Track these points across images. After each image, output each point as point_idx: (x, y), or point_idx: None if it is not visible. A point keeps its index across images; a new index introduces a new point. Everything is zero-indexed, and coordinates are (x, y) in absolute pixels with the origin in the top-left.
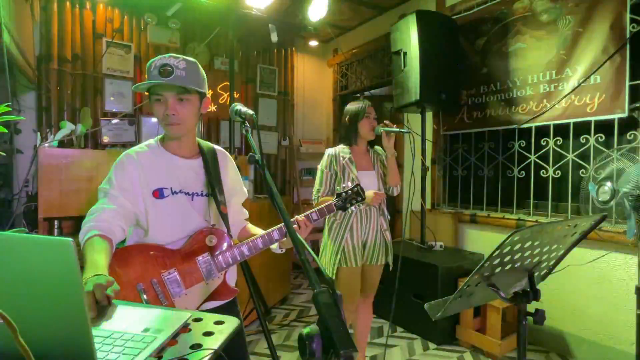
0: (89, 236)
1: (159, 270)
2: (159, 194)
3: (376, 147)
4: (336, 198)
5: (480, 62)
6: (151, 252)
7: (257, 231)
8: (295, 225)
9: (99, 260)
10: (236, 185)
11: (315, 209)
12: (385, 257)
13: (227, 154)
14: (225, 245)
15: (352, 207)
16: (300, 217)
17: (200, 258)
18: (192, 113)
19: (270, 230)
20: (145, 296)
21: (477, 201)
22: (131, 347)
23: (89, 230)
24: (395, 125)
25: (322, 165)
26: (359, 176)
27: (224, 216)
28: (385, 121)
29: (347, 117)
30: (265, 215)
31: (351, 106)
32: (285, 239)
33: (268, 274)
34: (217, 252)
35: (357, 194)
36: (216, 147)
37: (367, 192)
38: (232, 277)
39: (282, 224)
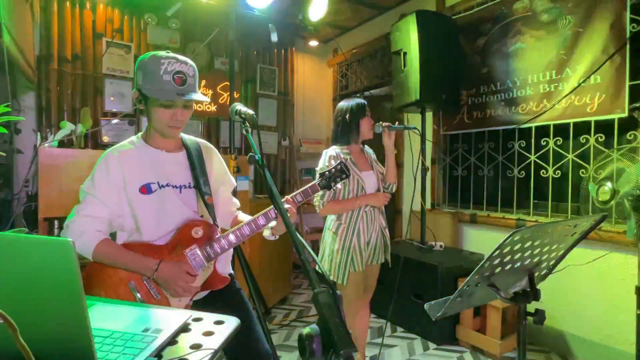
0: (96, 243)
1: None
2: (146, 189)
3: (366, 146)
4: (319, 177)
5: (480, 62)
6: (139, 250)
7: (248, 219)
8: (286, 206)
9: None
10: (222, 175)
11: (300, 190)
12: (384, 255)
13: (212, 146)
14: (212, 235)
15: (338, 185)
16: (287, 197)
17: (188, 251)
18: (190, 115)
19: (256, 216)
20: (138, 294)
21: (477, 201)
22: (131, 347)
23: (94, 240)
24: (397, 123)
25: (322, 167)
26: (362, 177)
27: (210, 207)
28: (381, 122)
29: (348, 115)
30: None
31: (347, 103)
32: (274, 223)
33: (268, 274)
34: (205, 243)
35: (341, 172)
36: (200, 140)
37: (376, 194)
38: (223, 265)
39: (268, 208)
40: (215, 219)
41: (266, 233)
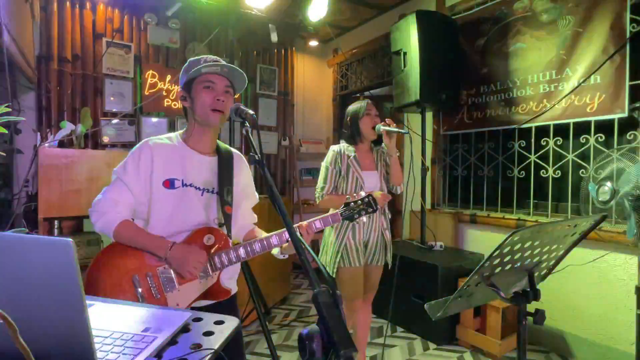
0: (117, 223)
1: (156, 264)
2: (169, 184)
3: (383, 145)
4: (343, 207)
5: (480, 62)
6: None
7: (262, 235)
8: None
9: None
10: (248, 189)
11: (319, 217)
12: (385, 256)
13: (244, 158)
14: (222, 246)
15: (363, 218)
16: (303, 223)
17: None
18: (230, 107)
19: (269, 235)
20: (139, 288)
21: (477, 201)
22: (131, 347)
23: (115, 220)
24: (395, 125)
25: (326, 161)
26: (363, 176)
27: (227, 216)
28: (386, 119)
29: (349, 117)
30: (265, 215)
31: (352, 106)
32: (286, 244)
33: (268, 274)
34: (214, 252)
35: (368, 205)
36: (234, 150)
37: (374, 193)
38: (229, 278)
39: (283, 229)
40: (230, 230)
41: (275, 252)
